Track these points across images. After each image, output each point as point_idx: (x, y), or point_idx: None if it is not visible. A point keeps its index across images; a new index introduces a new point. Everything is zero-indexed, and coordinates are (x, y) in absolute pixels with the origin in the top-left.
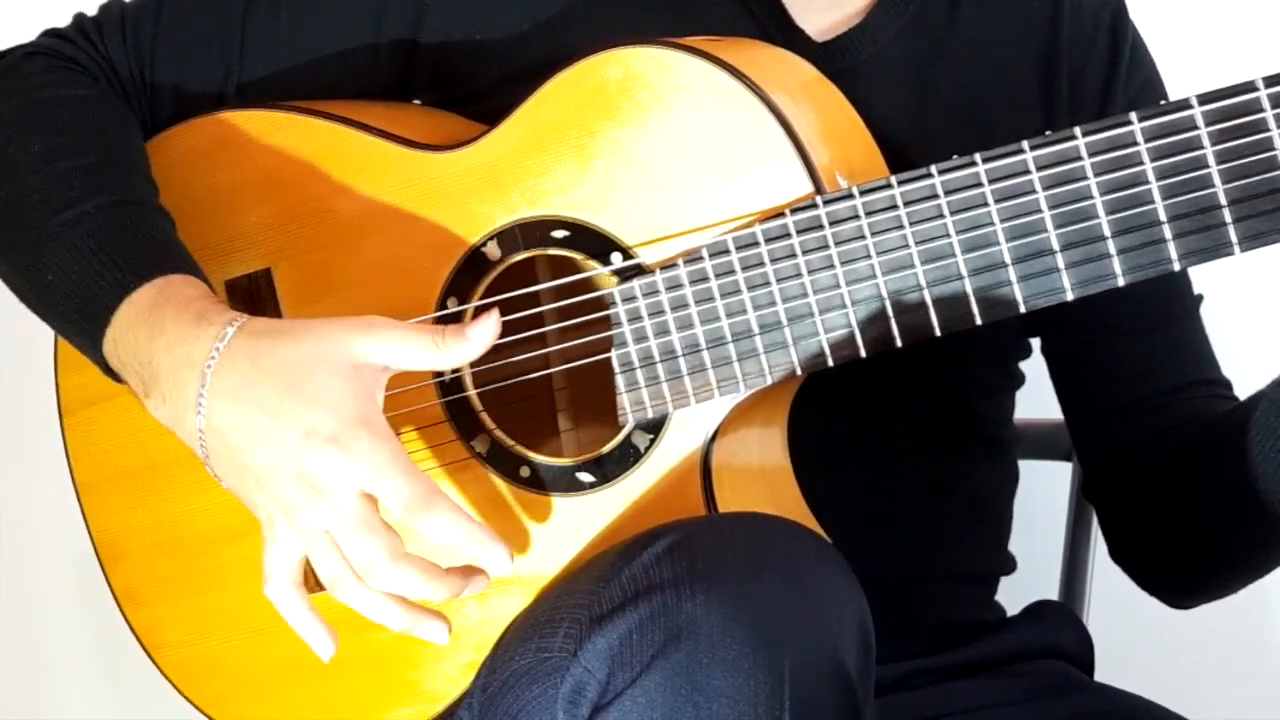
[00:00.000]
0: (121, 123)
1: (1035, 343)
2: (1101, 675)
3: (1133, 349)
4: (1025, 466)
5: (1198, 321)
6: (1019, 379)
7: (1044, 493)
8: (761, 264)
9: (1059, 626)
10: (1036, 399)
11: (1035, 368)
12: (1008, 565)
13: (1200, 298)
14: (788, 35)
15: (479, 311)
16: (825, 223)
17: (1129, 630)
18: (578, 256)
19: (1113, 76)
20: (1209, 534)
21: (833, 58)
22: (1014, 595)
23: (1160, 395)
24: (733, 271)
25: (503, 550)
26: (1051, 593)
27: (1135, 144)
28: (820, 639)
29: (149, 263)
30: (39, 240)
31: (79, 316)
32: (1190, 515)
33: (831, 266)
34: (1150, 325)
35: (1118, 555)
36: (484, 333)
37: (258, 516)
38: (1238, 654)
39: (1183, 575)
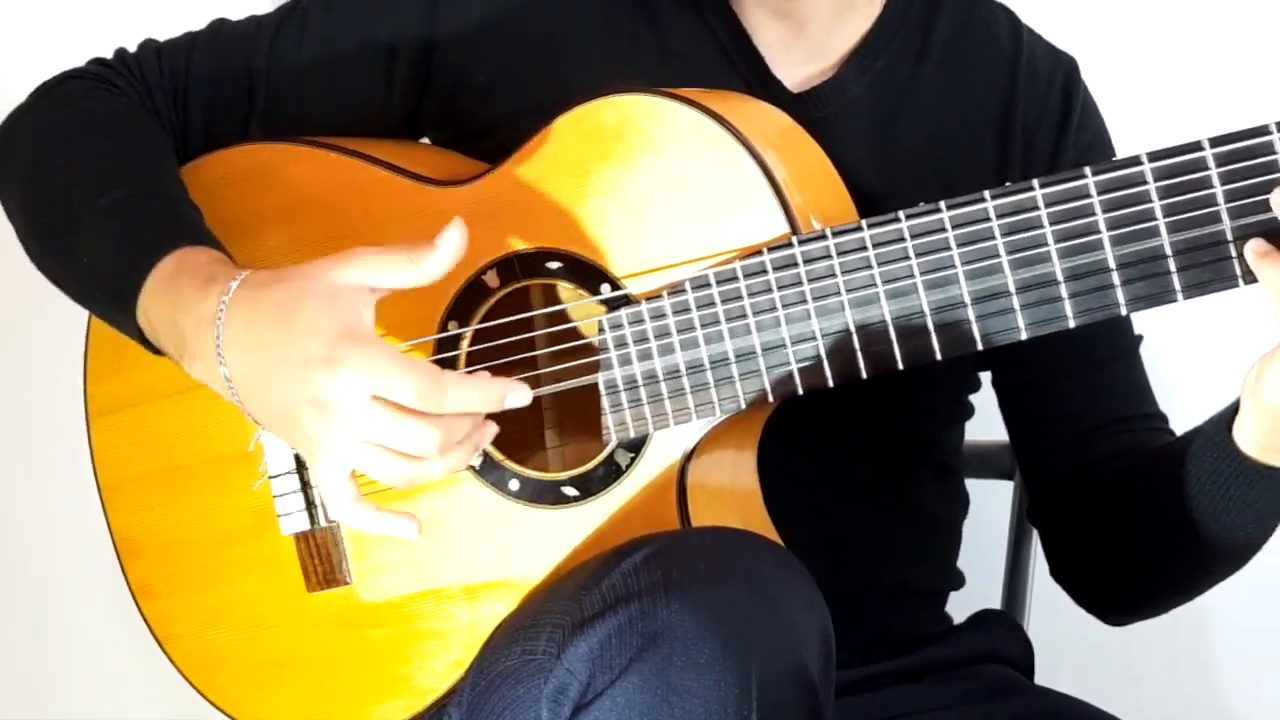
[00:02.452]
0: (150, 130)
1: (984, 376)
2: (1041, 678)
3: (1077, 385)
4: (970, 484)
5: (1138, 360)
6: (970, 410)
7: (987, 509)
8: (740, 298)
9: (1001, 634)
10: (978, 421)
11: (980, 394)
12: (956, 582)
13: (1140, 338)
14: (767, 86)
15: (477, 336)
16: (800, 261)
17: (1066, 637)
18: (570, 286)
19: (1064, 133)
20: (1145, 559)
21: (807, 108)
22: (960, 604)
23: (1102, 429)
24: (713, 304)
25: (524, 389)
26: (994, 602)
27: (1089, 196)
28: (785, 644)
29: (168, 238)
30: (74, 229)
31: (113, 296)
32: (1127, 541)
33: (804, 302)
34: (1094, 363)
35: (1058, 575)
36: (451, 239)
37: (300, 450)
38: (1168, 657)
39: (1119, 596)
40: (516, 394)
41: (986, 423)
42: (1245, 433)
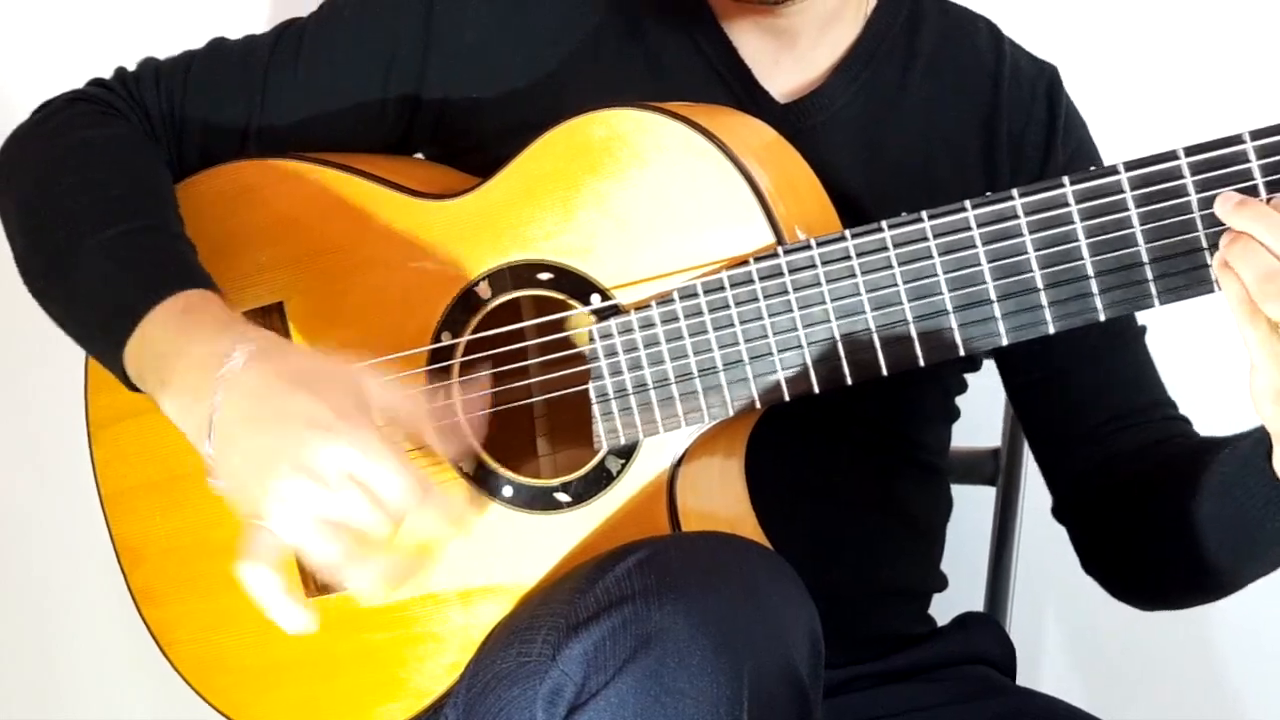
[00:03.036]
0: (152, 161)
1: (971, 378)
2: (1023, 679)
3: (1087, 378)
4: (955, 490)
5: (1144, 348)
6: (955, 413)
7: (969, 513)
8: (727, 307)
9: (984, 636)
10: (964, 428)
11: (963, 401)
12: (940, 584)
13: (1144, 329)
14: (754, 98)
15: (470, 346)
16: (785, 271)
17: (1048, 639)
18: (560, 297)
19: (1051, 139)
20: (1177, 563)
21: (794, 118)
22: (944, 607)
23: (1116, 420)
24: (700, 313)
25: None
26: (977, 605)
27: (1067, 205)
28: (776, 646)
29: (182, 276)
30: (76, 255)
31: (106, 322)
32: (1160, 547)
33: (790, 310)
34: (1101, 355)
35: (1088, 568)
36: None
37: (247, 504)
38: (1147, 659)
39: (1151, 592)
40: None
41: (973, 429)
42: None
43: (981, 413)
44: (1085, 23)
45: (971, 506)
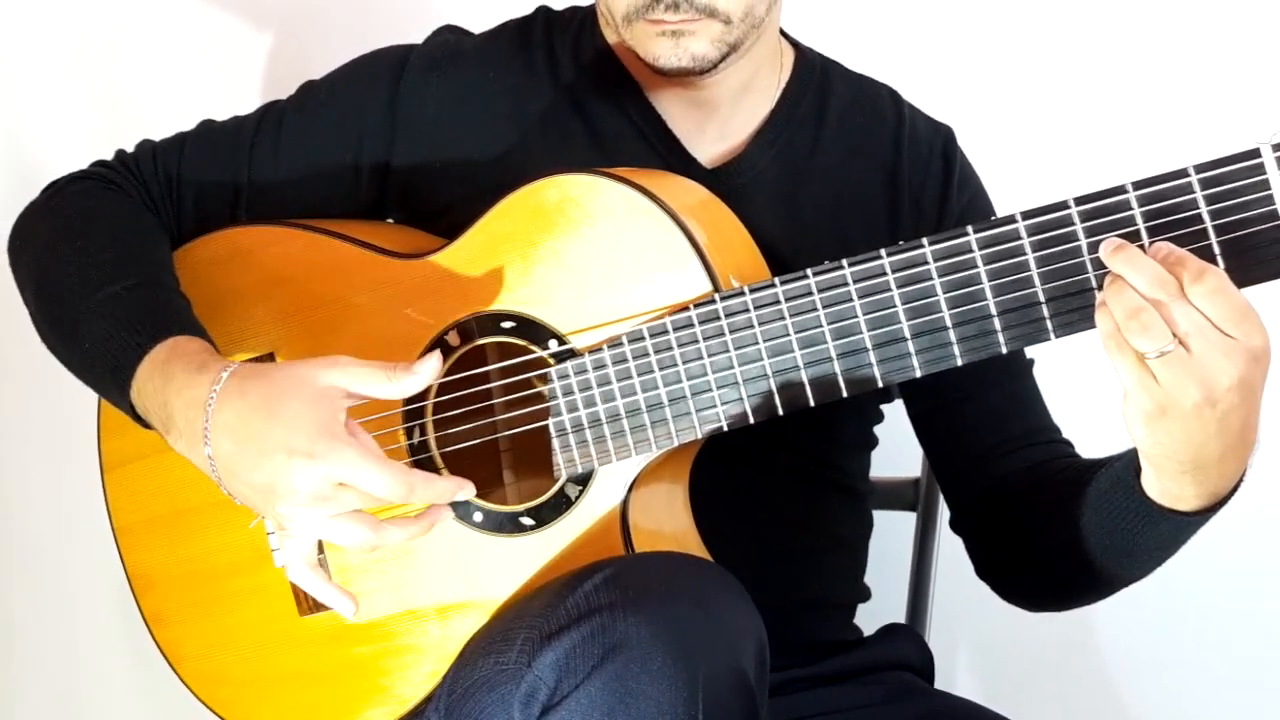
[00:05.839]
0: (149, 228)
1: (886, 409)
2: (940, 683)
3: (981, 406)
4: (879, 515)
5: (1033, 381)
6: (874, 441)
7: (894, 536)
8: (670, 349)
9: (906, 644)
10: (888, 460)
11: (888, 435)
12: (864, 594)
13: (1032, 361)
14: (684, 164)
15: (441, 388)
16: (722, 315)
17: (962, 647)
18: (521, 342)
19: (946, 193)
20: (1060, 572)
21: (721, 181)
22: (869, 619)
23: (1007, 443)
24: (647, 355)
25: (470, 485)
26: (900, 617)
27: (971, 251)
28: (727, 653)
29: (162, 327)
30: (76, 316)
31: (111, 376)
32: (1044, 559)
33: (727, 351)
34: (994, 386)
35: (982, 576)
36: (429, 369)
37: (271, 519)
38: (1051, 662)
39: (1039, 596)
40: (466, 489)
41: (897, 461)
42: (1147, 479)
43: (904, 447)
44: (978, 86)
45: (894, 530)
